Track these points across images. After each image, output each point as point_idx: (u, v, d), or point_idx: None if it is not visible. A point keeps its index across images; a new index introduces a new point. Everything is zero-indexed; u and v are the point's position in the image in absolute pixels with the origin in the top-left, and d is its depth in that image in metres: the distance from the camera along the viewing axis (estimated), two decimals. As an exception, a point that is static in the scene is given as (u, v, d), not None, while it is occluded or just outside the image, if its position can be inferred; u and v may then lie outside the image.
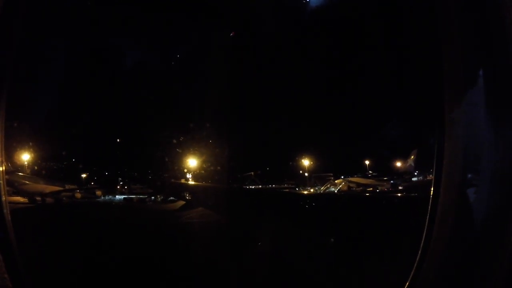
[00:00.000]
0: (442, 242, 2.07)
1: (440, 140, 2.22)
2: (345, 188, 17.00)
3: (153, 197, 21.29)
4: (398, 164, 14.59)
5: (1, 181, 1.57)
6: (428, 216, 2.17)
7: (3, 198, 1.57)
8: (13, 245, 1.58)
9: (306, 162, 17.10)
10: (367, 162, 15.46)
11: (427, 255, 2.12)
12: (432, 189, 2.18)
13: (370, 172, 15.54)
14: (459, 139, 2.16)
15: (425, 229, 2.17)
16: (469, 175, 2.14)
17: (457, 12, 2.17)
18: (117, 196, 23.43)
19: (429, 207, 2.18)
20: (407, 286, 2.18)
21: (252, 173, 18.86)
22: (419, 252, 2.16)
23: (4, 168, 1.59)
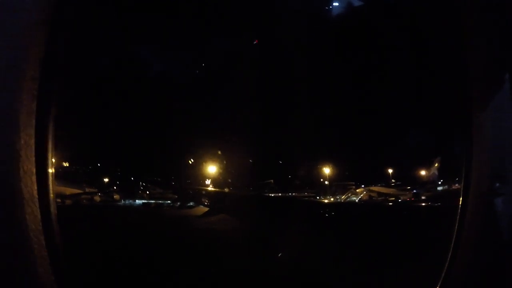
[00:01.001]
0: (470, 251, 2.04)
1: (467, 147, 2.19)
2: (366, 197, 16.70)
3: (171, 203, 21.68)
4: (422, 172, 14.21)
5: (50, 182, 1.66)
6: (456, 225, 2.14)
7: (51, 196, 1.68)
8: (58, 242, 1.66)
9: (327, 171, 16.95)
10: (390, 171, 15.13)
11: (456, 263, 2.09)
12: (460, 197, 2.15)
13: (393, 181, 15.19)
14: (486, 145, 2.13)
15: (454, 238, 2.14)
16: (497, 184, 2.11)
17: (480, 15, 2.15)
18: (136, 201, 23.96)
19: (458, 215, 2.15)
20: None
21: (272, 180, 18.79)
22: (447, 260, 2.13)
23: (53, 171, 1.69)
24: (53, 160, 1.69)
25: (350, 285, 5.05)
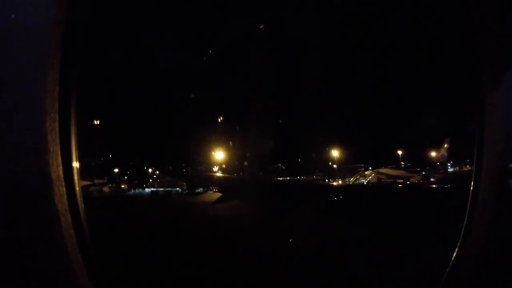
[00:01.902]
0: (484, 232, 2.05)
1: (480, 127, 2.18)
2: (375, 179, 16.72)
3: (180, 190, 22.11)
4: (433, 154, 14.11)
5: (74, 164, 1.76)
6: (468, 205, 2.15)
7: (77, 189, 1.76)
8: (84, 222, 1.74)
9: (336, 154, 16.94)
10: (399, 152, 15.07)
11: (468, 242, 2.11)
12: (472, 177, 2.15)
13: (403, 163, 15.12)
14: (499, 125, 2.12)
15: (466, 219, 2.15)
16: (510, 165, 2.10)
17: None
18: (146, 189, 24.44)
19: (470, 196, 2.15)
20: (447, 273, 2.16)
21: (280, 164, 18.97)
22: (460, 239, 2.14)
23: (78, 165, 1.78)
24: (76, 142, 1.78)
25: (361, 267, 5.09)
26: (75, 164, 1.76)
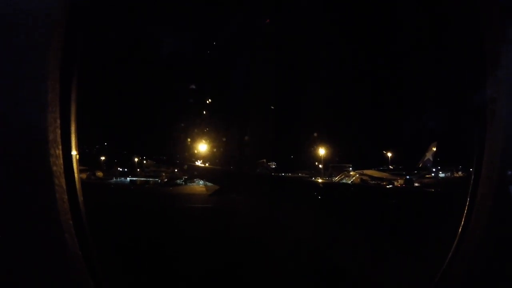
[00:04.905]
0: (480, 232, 2.09)
1: (481, 132, 2.22)
2: (358, 180, 16.84)
3: (159, 180, 22.30)
4: (426, 158, 14.23)
5: (73, 131, 1.76)
6: (466, 207, 2.19)
7: (76, 176, 1.75)
8: (84, 221, 1.75)
9: (325, 153, 17.04)
10: (389, 155, 15.19)
11: (464, 243, 2.15)
12: (472, 180, 2.19)
13: (391, 167, 15.23)
14: (500, 133, 2.15)
15: (463, 219, 2.19)
16: (509, 172, 2.14)
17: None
18: (127, 178, 24.54)
19: (468, 198, 2.20)
20: (441, 273, 2.21)
21: (264, 160, 19.03)
22: (456, 240, 2.18)
23: (77, 154, 1.77)
24: (75, 110, 1.77)
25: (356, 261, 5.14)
26: (74, 131, 1.75)
